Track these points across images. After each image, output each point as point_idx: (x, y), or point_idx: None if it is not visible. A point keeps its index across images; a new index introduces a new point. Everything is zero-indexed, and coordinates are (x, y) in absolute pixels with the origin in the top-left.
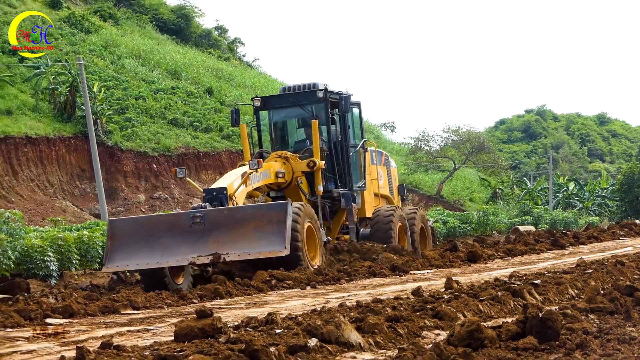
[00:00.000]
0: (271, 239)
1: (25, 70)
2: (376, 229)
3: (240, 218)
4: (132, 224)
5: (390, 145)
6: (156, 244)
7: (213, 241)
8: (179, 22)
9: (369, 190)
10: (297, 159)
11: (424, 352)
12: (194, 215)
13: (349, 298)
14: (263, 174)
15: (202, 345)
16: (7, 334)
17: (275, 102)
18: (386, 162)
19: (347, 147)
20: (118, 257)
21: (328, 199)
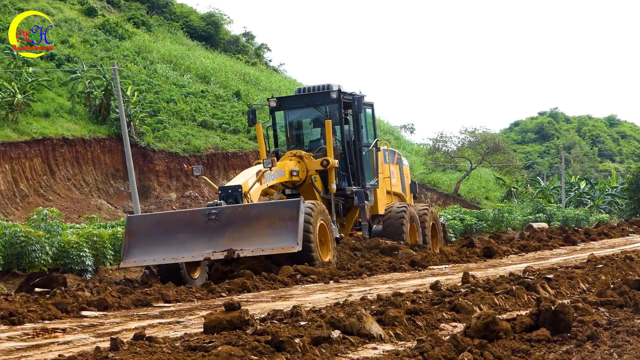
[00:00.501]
0: (284, 235)
1: (62, 75)
2: (388, 226)
3: (254, 215)
4: (150, 221)
5: (409, 146)
6: (172, 240)
7: (228, 237)
8: (209, 29)
9: (382, 188)
10: (311, 158)
11: (442, 343)
12: (209, 212)
13: (370, 292)
14: (278, 172)
15: (230, 337)
16: (45, 325)
17: (290, 102)
18: (399, 160)
19: (360, 146)
20: (135, 252)
21: (341, 196)
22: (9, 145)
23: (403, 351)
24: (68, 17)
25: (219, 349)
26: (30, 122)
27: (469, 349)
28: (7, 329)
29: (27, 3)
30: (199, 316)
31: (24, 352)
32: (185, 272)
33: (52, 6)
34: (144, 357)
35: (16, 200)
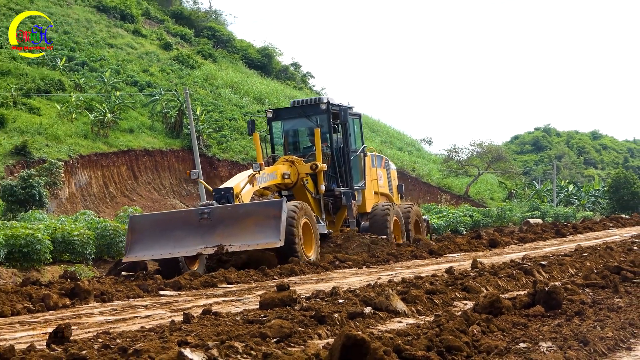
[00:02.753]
0: (268, 232)
1: (144, 98)
2: (374, 222)
3: (242, 214)
4: (150, 220)
5: (428, 155)
6: (169, 237)
7: (218, 234)
8: (263, 59)
9: (369, 189)
10: (302, 162)
11: (455, 317)
12: (202, 212)
13: (396, 275)
14: (270, 175)
15: (281, 312)
16: (130, 303)
17: (285, 113)
18: (386, 165)
19: (348, 152)
20: (137, 248)
21: (331, 196)
22: (100, 156)
23: (423, 324)
24: (148, 51)
25: (272, 322)
26: (117, 136)
27: (477, 322)
28: (98, 305)
29: (115, 39)
30: (255, 295)
31: (113, 324)
32: (184, 265)
33: (135, 42)
34: (211, 329)
35: (106, 200)
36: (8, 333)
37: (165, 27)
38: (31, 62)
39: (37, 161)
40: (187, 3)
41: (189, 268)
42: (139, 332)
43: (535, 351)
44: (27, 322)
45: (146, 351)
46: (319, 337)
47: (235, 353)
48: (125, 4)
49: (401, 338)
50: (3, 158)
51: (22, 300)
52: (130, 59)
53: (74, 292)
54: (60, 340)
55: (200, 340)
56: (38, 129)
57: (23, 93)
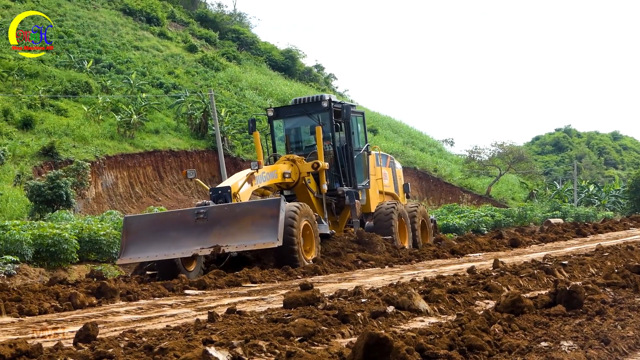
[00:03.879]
0: (265, 232)
1: (169, 99)
2: (378, 222)
3: (238, 213)
4: (145, 221)
5: (450, 156)
6: (165, 237)
7: (215, 234)
8: (287, 61)
9: (374, 188)
10: (303, 161)
11: (477, 317)
12: (197, 212)
13: (418, 275)
14: (270, 175)
15: (305, 311)
16: (156, 301)
17: (286, 112)
18: (391, 164)
19: (351, 151)
20: (132, 250)
21: (334, 196)
22: (126, 156)
23: (445, 323)
24: (174, 53)
25: (296, 321)
26: (143, 137)
27: (499, 321)
28: (125, 304)
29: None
30: (279, 294)
31: (139, 323)
32: (180, 267)
33: (161, 44)
34: (235, 327)
35: (132, 200)
36: (36, 331)
37: (191, 30)
38: (59, 65)
39: (64, 162)
40: (211, 6)
41: (186, 269)
42: (165, 331)
43: (556, 350)
44: (55, 321)
45: (171, 349)
46: (342, 335)
47: (260, 352)
48: (151, 7)
49: (423, 337)
50: (31, 159)
51: (50, 299)
52: (156, 61)
53: (100, 291)
54: (86, 338)
55: (224, 339)
56: (65, 130)
57: (51, 95)
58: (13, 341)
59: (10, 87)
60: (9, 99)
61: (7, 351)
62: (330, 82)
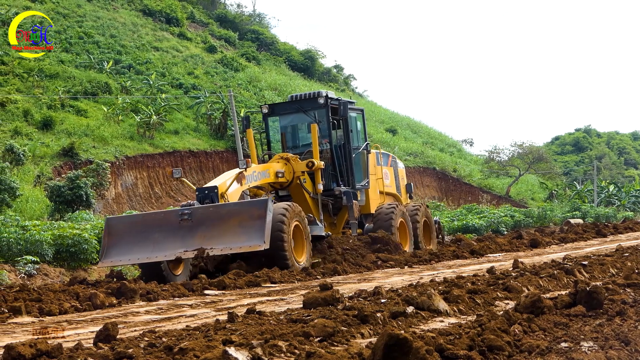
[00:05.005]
0: (252, 234)
1: (189, 100)
2: (378, 224)
3: (224, 214)
4: (127, 222)
5: (469, 156)
6: (148, 240)
7: (199, 236)
8: (306, 62)
9: (374, 188)
10: (297, 160)
11: (497, 317)
12: (182, 213)
13: (437, 275)
14: (261, 174)
15: (324, 311)
16: (175, 302)
17: (281, 109)
18: (393, 163)
19: (349, 149)
20: (113, 252)
21: (331, 196)
22: (146, 157)
23: (465, 324)
24: (193, 54)
25: (315, 321)
26: (163, 138)
27: (519, 322)
28: (144, 304)
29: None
30: (299, 294)
31: (158, 323)
32: (166, 270)
33: (180, 45)
34: (255, 328)
35: (152, 200)
36: (56, 331)
37: (210, 31)
38: (79, 65)
39: (84, 162)
40: (231, 6)
41: (173, 273)
42: (184, 331)
43: (576, 351)
44: (75, 321)
45: (191, 350)
46: (361, 336)
47: (279, 352)
48: (171, 7)
49: (443, 337)
50: (51, 159)
51: (70, 299)
52: (175, 61)
53: (120, 291)
54: (107, 338)
55: (244, 339)
56: (85, 131)
57: (71, 95)
58: (33, 341)
59: (30, 88)
60: (29, 99)
61: (28, 351)
62: (350, 82)
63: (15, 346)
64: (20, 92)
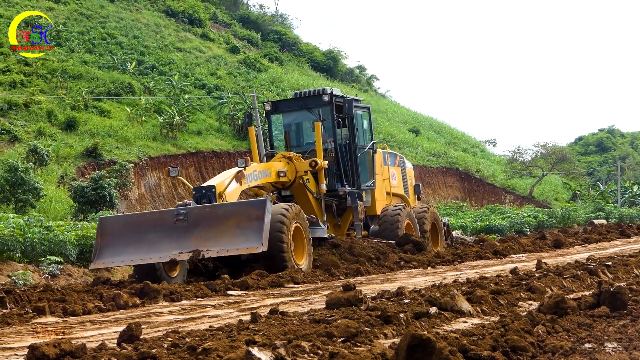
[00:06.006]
0: (249, 235)
1: (212, 100)
2: (383, 226)
3: (221, 215)
4: (121, 222)
5: (492, 156)
6: (142, 241)
7: (195, 238)
8: (329, 62)
9: (380, 189)
10: (300, 159)
11: (520, 318)
12: (177, 213)
13: (460, 276)
14: (262, 173)
15: (347, 312)
16: (198, 302)
17: (285, 106)
18: (401, 163)
19: (354, 148)
20: (106, 253)
21: (335, 197)
22: (169, 157)
23: (488, 324)
24: (216, 54)
25: (339, 322)
26: (186, 138)
27: (542, 322)
28: (168, 304)
29: (184, 43)
30: (321, 295)
31: (182, 323)
32: (162, 272)
33: (203, 45)
34: (278, 328)
35: (175, 201)
36: (80, 332)
37: (233, 31)
38: (102, 66)
39: (107, 163)
40: (254, 7)
41: (168, 275)
42: (208, 331)
43: (600, 352)
44: (98, 321)
45: (214, 350)
46: (385, 336)
47: (302, 352)
48: (194, 8)
49: (466, 338)
50: (74, 160)
51: (93, 300)
52: (198, 62)
53: (143, 292)
54: (130, 339)
55: (267, 340)
56: (108, 132)
57: (94, 96)
58: (57, 341)
59: (54, 89)
60: (52, 100)
61: (52, 351)
62: (372, 83)
63: (39, 346)
64: (44, 93)
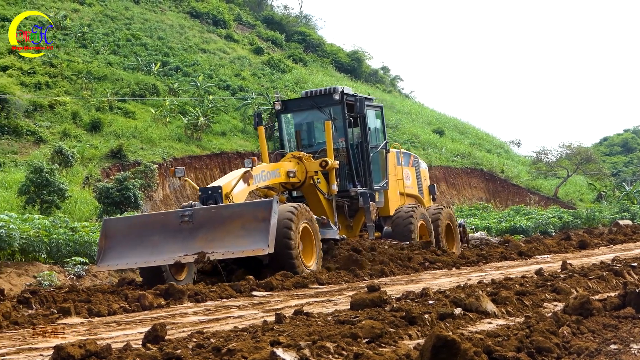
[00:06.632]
0: (255, 236)
1: (236, 102)
2: (396, 227)
3: (227, 216)
4: (125, 224)
5: (516, 157)
6: (147, 242)
7: (200, 239)
8: (353, 63)
9: (393, 189)
10: (310, 159)
11: (545, 319)
12: (182, 214)
13: (485, 277)
14: (271, 173)
15: (372, 313)
16: (223, 303)
17: (295, 105)
18: (415, 163)
19: (367, 148)
20: (110, 256)
21: (347, 198)
22: (194, 158)
23: (513, 325)
24: (240, 55)
25: (363, 323)
26: (210, 139)
27: (568, 323)
28: (192, 305)
29: (208, 44)
30: (346, 296)
31: (206, 324)
32: (168, 274)
33: (227, 46)
34: (302, 329)
35: None
36: (105, 332)
37: (257, 32)
38: (126, 67)
39: (132, 164)
40: (278, 8)
41: (175, 277)
42: (232, 332)
43: (626, 353)
44: (123, 322)
45: (239, 351)
46: (409, 337)
47: (327, 353)
48: (218, 9)
49: (491, 339)
50: (99, 161)
51: (119, 300)
52: (222, 63)
53: (168, 293)
54: (155, 339)
55: (292, 340)
56: (133, 133)
57: (119, 97)
58: (83, 342)
59: (79, 90)
60: (77, 101)
61: (77, 352)
62: (397, 83)
63: (64, 347)
64: (69, 94)
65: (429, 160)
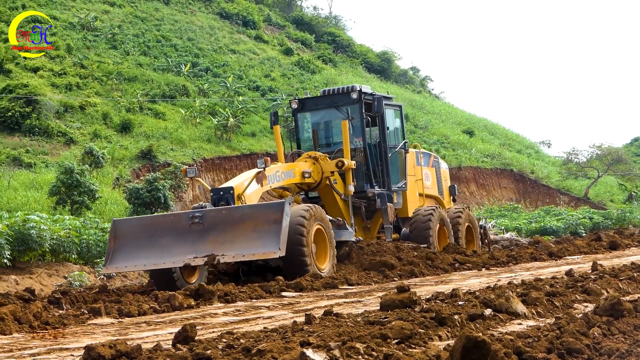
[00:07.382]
0: (267, 239)
1: (266, 102)
2: (415, 229)
3: (238, 218)
4: (135, 225)
5: (547, 158)
6: (156, 244)
7: (211, 241)
8: (383, 64)
9: (412, 190)
10: (326, 159)
11: (576, 320)
12: (192, 216)
13: (515, 277)
14: (286, 174)
15: (402, 313)
16: (253, 303)
17: (312, 104)
18: (435, 163)
19: (385, 148)
20: (119, 258)
21: (364, 199)
22: (223, 159)
23: (543, 326)
24: (270, 56)
25: (393, 324)
26: (240, 140)
27: (598, 324)
28: (222, 306)
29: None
30: (375, 296)
31: (236, 324)
32: (179, 277)
33: (257, 47)
34: (332, 330)
35: None
36: (135, 333)
37: (287, 33)
38: (157, 69)
39: (162, 165)
40: (307, 9)
41: (186, 280)
42: (262, 333)
43: None
44: (153, 322)
45: (269, 351)
46: (439, 338)
47: (357, 354)
48: (247, 10)
49: (521, 340)
50: (129, 162)
51: (149, 301)
52: (252, 64)
53: (198, 293)
54: (185, 340)
55: (322, 341)
56: (163, 134)
57: (149, 98)
58: (113, 342)
59: (109, 91)
60: (108, 102)
61: (108, 352)
62: (426, 84)
63: (95, 347)
64: (99, 95)
65: (459, 160)
